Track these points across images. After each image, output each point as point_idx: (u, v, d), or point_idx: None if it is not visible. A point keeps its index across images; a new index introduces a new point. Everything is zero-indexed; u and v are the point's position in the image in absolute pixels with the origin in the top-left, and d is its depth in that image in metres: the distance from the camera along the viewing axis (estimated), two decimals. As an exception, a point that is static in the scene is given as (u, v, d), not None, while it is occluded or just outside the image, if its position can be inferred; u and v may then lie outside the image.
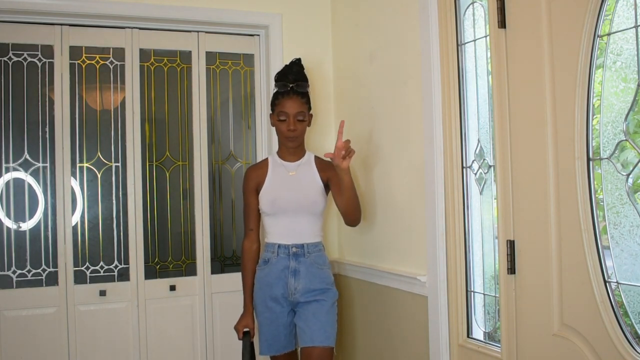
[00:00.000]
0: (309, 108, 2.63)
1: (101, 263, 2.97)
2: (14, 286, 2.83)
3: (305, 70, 2.66)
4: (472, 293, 2.29)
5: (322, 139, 3.19)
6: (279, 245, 2.53)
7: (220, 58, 3.23)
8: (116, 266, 3.00)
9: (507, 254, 1.97)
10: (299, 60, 2.68)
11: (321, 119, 3.20)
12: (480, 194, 2.24)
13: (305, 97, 2.60)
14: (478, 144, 2.25)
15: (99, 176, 2.99)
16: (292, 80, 2.58)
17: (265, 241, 2.61)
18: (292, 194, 2.54)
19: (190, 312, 3.08)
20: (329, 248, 3.13)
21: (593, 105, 1.69)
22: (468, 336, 2.29)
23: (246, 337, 2.54)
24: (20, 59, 2.89)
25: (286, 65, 2.67)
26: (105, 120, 3.02)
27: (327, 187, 2.63)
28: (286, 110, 2.53)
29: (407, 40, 2.52)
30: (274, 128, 2.66)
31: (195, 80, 3.15)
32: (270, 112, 2.66)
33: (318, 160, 2.67)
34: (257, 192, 2.60)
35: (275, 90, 2.63)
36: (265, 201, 2.55)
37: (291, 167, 2.61)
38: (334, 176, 2.55)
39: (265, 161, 2.68)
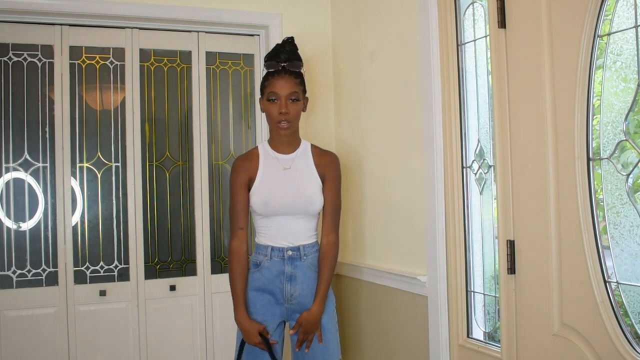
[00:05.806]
0: (304, 90, 2.31)
1: (101, 263, 2.97)
2: (14, 286, 2.83)
3: (299, 51, 2.36)
4: (472, 293, 2.29)
5: (321, 139, 3.18)
6: (272, 248, 2.25)
7: (220, 58, 3.23)
8: (116, 266, 2.99)
9: (507, 254, 1.97)
10: (291, 38, 2.36)
11: (321, 119, 3.20)
12: (480, 194, 2.24)
13: (299, 77, 2.28)
14: (478, 144, 2.25)
15: (99, 176, 2.99)
16: (284, 59, 2.27)
17: (255, 241, 2.35)
18: (288, 193, 2.25)
19: (190, 312, 3.08)
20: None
21: (593, 105, 1.70)
22: (468, 336, 2.29)
23: (266, 342, 2.22)
24: (20, 59, 2.89)
25: (277, 45, 2.34)
26: (105, 120, 3.02)
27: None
28: (277, 90, 2.22)
29: (407, 40, 2.52)
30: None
31: (195, 80, 3.15)
32: (260, 96, 2.33)
33: (316, 151, 2.37)
34: (248, 186, 2.27)
35: (265, 72, 2.31)
36: (257, 201, 2.24)
37: (286, 160, 2.30)
38: (329, 177, 2.31)
39: (255, 151, 2.33)
